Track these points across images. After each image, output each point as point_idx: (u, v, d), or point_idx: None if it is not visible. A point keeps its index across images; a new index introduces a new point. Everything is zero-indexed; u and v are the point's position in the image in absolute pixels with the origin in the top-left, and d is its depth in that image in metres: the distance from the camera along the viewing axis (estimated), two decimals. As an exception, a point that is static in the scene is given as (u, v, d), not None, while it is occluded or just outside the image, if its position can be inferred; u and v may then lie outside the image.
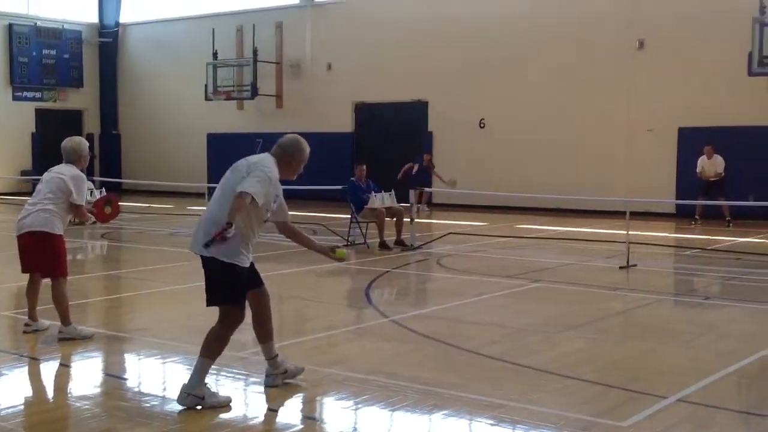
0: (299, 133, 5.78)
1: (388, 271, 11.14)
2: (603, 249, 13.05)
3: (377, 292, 9.73)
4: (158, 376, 6.32)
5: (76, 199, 7.00)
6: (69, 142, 7.23)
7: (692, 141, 18.67)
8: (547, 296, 9.49)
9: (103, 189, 18.68)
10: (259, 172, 5.21)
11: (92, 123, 29.64)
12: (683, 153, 19.10)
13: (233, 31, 26.58)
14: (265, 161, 5.39)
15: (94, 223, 7.93)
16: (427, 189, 19.36)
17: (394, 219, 13.34)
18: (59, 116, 28.18)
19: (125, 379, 6.22)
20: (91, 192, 18.16)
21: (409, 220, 13.40)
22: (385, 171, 19.64)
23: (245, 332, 7.90)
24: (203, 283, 5.43)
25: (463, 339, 7.19)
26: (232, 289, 5.34)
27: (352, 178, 13.86)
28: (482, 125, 22.49)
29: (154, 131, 28.87)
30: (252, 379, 6.04)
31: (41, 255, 7.03)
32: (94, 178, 20.79)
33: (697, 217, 17.45)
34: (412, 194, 13.93)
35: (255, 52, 25.42)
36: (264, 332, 5.79)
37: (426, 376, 6.05)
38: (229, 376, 6.02)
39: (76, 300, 7.92)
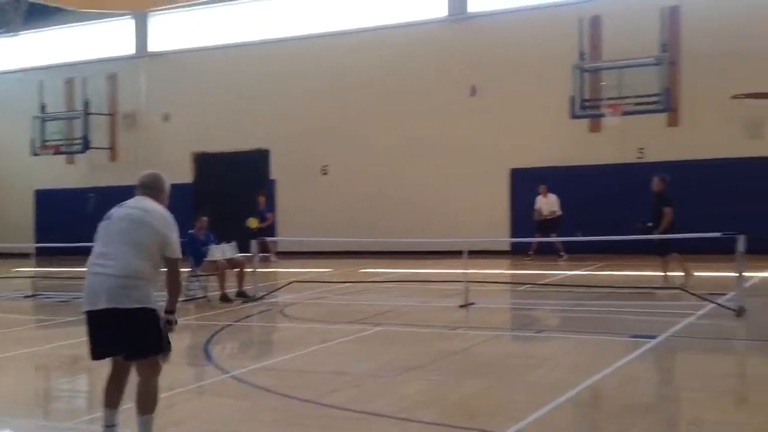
0: (134, 186, 5.61)
1: (230, 325, 10.88)
2: (443, 289, 13.33)
3: (218, 347, 9.47)
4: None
5: None
6: None
7: (524, 181, 19.59)
8: (389, 339, 9.55)
9: None
10: (173, 227, 5.35)
11: None
12: (516, 193, 19.98)
13: (62, 84, 25.63)
14: (156, 209, 5.35)
15: None
16: (270, 239, 19.25)
17: (236, 270, 13.11)
18: None
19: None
20: None
21: (251, 270, 13.20)
22: (227, 221, 19.30)
23: (77, 400, 7.48)
24: (24, 351, 5.09)
25: (305, 389, 7.08)
26: (161, 335, 5.26)
27: (190, 231, 13.53)
28: (324, 172, 22.66)
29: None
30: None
31: None
32: None
33: (531, 252, 18.24)
34: (254, 244, 13.74)
35: (86, 104, 24.60)
36: (120, 395, 5.49)
37: (266, 432, 5.90)
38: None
39: None
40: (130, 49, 25.55)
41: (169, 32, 25.31)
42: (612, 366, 7.50)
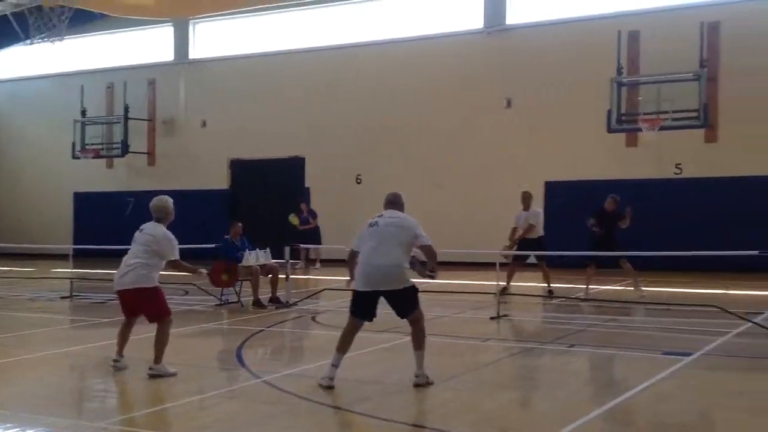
0: (173, 191, 5.79)
1: (262, 330, 10.96)
2: (474, 300, 13.27)
3: (250, 352, 9.54)
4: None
5: None
6: None
7: (560, 195, 19.51)
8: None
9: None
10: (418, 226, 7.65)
11: (-50, 182, 28.25)
12: (549, 206, 19.82)
13: (103, 89, 26.03)
14: (407, 216, 7.71)
15: None
16: (313, 246, 19.38)
17: (269, 276, 13.20)
18: None
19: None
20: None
21: (284, 276, 13.28)
22: (262, 227, 19.47)
23: (109, 399, 7.58)
24: (58, 351, 5.17)
25: (336, 397, 7.11)
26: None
27: (226, 236, 13.66)
28: (359, 181, 22.72)
29: (17, 190, 27.69)
30: None
31: None
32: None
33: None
34: (288, 251, 13.80)
35: (126, 109, 24.94)
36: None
37: (296, 437, 5.93)
38: None
39: None
40: (169, 55, 25.89)
41: (208, 40, 25.59)
42: (645, 383, 7.42)
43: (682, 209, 18.86)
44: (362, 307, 7.50)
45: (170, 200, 8.09)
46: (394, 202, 7.76)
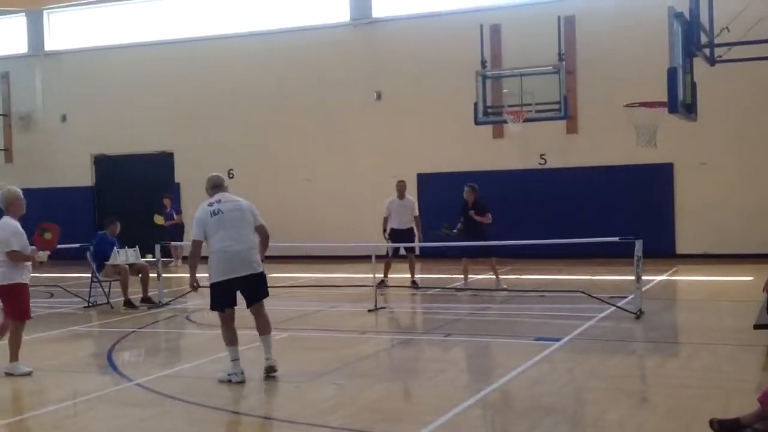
0: (33, 189, 5.52)
1: (134, 331, 10.62)
2: (352, 293, 13.32)
3: (122, 354, 9.23)
4: None
5: None
6: None
7: (429, 186, 19.86)
8: (297, 345, 9.45)
9: None
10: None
11: None
12: (422, 197, 20.12)
13: (-48, 82, 24.50)
14: (239, 200, 7.86)
15: None
16: (175, 243, 18.86)
17: (140, 275, 12.79)
18: None
19: None
20: None
21: (155, 275, 12.91)
22: (130, 226, 18.78)
23: None
24: None
25: (213, 397, 6.98)
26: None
27: (102, 232, 13.14)
28: (231, 176, 22.33)
29: None
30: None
31: None
32: None
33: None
34: (158, 248, 13.41)
35: (-22, 103, 23.56)
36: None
37: (173, 441, 5.78)
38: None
39: None
40: (23, 47, 24.64)
41: (65, 31, 24.48)
42: (518, 368, 7.66)
43: (547, 199, 19.56)
44: (225, 297, 7.57)
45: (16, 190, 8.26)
46: (221, 185, 7.89)
